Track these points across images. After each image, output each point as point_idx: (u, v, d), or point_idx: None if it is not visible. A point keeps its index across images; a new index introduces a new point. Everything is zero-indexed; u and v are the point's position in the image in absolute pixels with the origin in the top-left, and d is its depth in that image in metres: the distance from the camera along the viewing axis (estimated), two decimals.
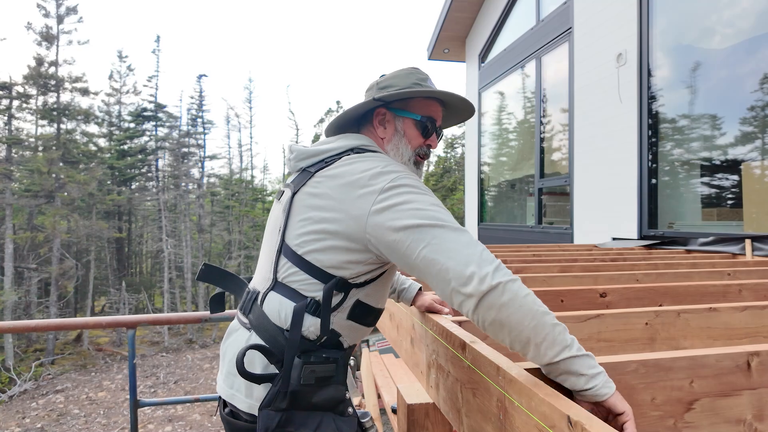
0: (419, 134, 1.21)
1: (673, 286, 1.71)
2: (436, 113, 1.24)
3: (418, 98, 1.22)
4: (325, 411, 1.05)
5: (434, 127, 1.22)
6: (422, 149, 1.22)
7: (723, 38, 3.44)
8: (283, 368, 1.03)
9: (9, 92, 19.95)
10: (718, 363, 0.87)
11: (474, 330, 1.15)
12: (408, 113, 1.20)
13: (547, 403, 0.66)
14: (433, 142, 1.24)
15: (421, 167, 1.24)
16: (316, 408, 1.04)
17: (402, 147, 1.20)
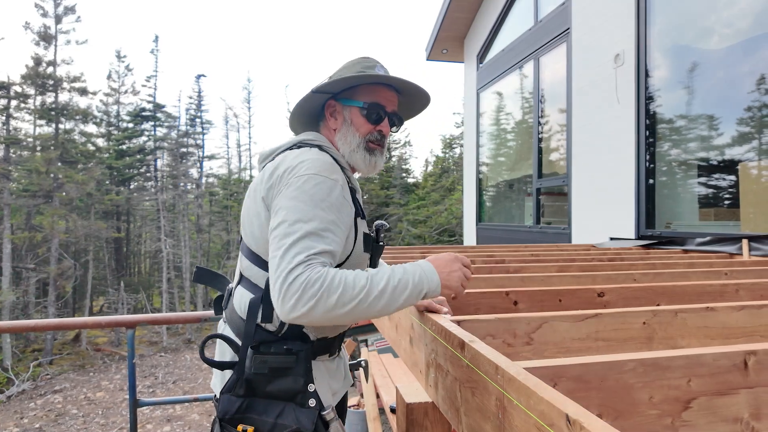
0: (366, 121, 1.23)
1: (671, 285, 1.72)
2: (384, 99, 1.24)
3: (363, 86, 1.23)
4: (286, 401, 1.09)
5: (384, 113, 1.24)
6: (373, 135, 1.24)
7: (720, 39, 3.45)
8: (240, 357, 1.10)
9: (7, 92, 19.90)
10: (715, 362, 0.88)
11: (473, 329, 1.16)
12: (353, 101, 1.23)
13: (546, 401, 0.67)
14: (384, 128, 1.25)
15: (376, 154, 1.25)
16: (273, 397, 1.09)
17: (350, 136, 1.23)
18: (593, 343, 1.23)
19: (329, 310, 0.96)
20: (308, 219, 1.03)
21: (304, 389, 1.10)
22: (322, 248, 1.01)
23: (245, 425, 1.07)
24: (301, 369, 1.10)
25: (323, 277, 0.96)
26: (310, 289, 0.95)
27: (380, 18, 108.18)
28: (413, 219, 26.46)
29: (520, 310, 1.59)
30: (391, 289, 1.00)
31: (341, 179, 1.12)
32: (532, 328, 1.21)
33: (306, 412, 1.08)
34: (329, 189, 1.07)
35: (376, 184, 31.47)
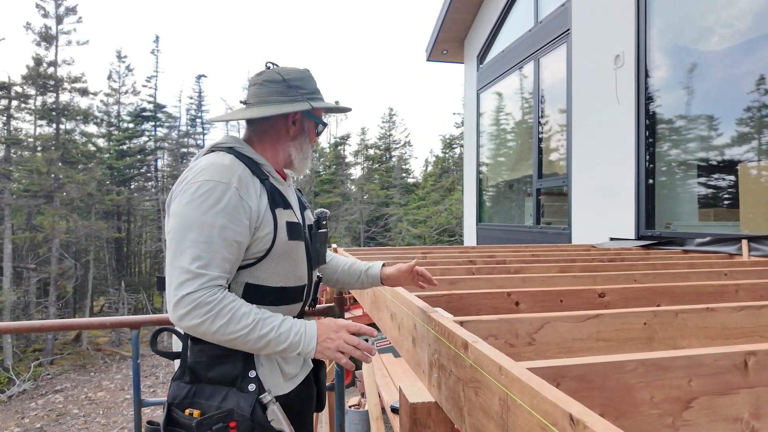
0: (314, 134, 1.39)
1: (671, 286, 1.73)
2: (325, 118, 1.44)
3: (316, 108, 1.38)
4: (229, 386, 1.16)
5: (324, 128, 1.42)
6: (314, 144, 1.45)
7: (720, 40, 3.46)
8: (183, 348, 1.19)
9: (8, 92, 19.92)
10: (715, 362, 0.89)
11: (476, 330, 1.17)
12: (314, 117, 1.36)
13: (550, 401, 0.68)
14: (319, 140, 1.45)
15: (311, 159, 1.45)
16: (215, 383, 1.16)
17: (305, 145, 1.36)
18: (594, 344, 1.25)
19: (211, 333, 1.06)
20: (198, 227, 1.08)
21: (244, 374, 1.16)
22: (211, 258, 1.08)
23: (192, 409, 1.13)
24: (239, 355, 1.16)
25: (215, 302, 1.05)
26: (200, 309, 1.04)
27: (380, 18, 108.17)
28: (413, 219, 26.46)
29: (521, 311, 1.60)
30: (271, 338, 1.09)
31: (237, 180, 1.15)
32: (534, 328, 1.22)
33: (245, 396, 1.14)
34: (221, 193, 1.11)
35: (376, 185, 31.47)
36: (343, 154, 34.17)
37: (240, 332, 1.07)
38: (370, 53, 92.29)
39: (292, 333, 1.11)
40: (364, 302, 2.67)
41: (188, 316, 1.05)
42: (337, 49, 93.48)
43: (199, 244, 1.08)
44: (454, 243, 23.68)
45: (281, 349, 1.11)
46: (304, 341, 1.12)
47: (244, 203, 1.15)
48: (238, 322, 1.06)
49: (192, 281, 1.05)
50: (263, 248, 1.18)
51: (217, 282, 1.08)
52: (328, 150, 34.54)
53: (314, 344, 1.12)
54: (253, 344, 1.09)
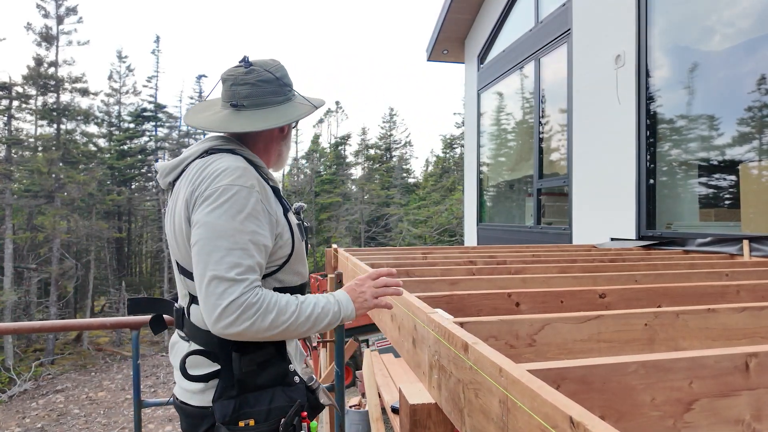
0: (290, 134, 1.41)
1: (672, 287, 1.72)
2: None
3: None
4: (273, 387, 1.19)
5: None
6: None
7: (721, 40, 3.45)
8: (223, 364, 1.17)
9: (9, 92, 19.94)
10: (717, 364, 0.89)
11: (476, 331, 1.17)
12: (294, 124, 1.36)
13: (550, 403, 0.67)
14: None
15: None
16: (262, 388, 1.18)
17: (290, 142, 1.39)
18: (595, 345, 1.24)
19: (262, 330, 1.07)
20: (229, 234, 1.06)
21: (287, 371, 1.22)
22: (248, 264, 1.07)
23: (246, 420, 1.13)
24: (280, 355, 1.21)
25: (260, 301, 1.06)
26: (248, 311, 1.04)
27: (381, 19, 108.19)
28: (414, 219, 26.47)
29: (522, 312, 1.59)
30: (316, 315, 1.13)
31: (257, 183, 1.15)
32: (535, 329, 1.22)
33: (295, 389, 1.21)
34: (245, 198, 1.10)
35: (376, 185, 31.47)
36: (344, 154, 34.17)
37: (290, 319, 1.09)
38: (370, 53, 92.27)
39: (330, 305, 1.16)
40: None
41: (238, 321, 1.04)
42: (337, 49, 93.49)
43: (234, 251, 1.06)
44: (454, 243, 23.67)
45: (326, 322, 1.15)
46: (344, 306, 1.18)
47: (265, 207, 1.15)
48: (285, 312, 1.09)
49: (234, 288, 1.04)
50: (287, 252, 1.21)
51: (256, 284, 1.08)
52: (329, 150, 34.53)
53: (352, 305, 1.19)
54: (303, 327, 1.12)
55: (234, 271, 1.05)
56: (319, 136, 35.25)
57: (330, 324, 1.16)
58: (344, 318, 1.18)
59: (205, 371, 1.18)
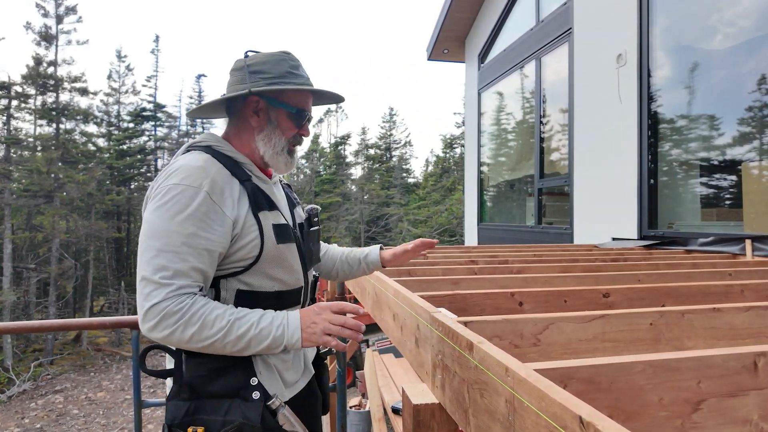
0: (293, 125, 1.22)
1: (675, 286, 1.72)
2: (307, 103, 1.25)
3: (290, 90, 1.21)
4: (232, 398, 1.10)
5: (306, 117, 1.24)
6: (296, 138, 1.24)
7: (722, 39, 3.45)
8: (176, 364, 1.12)
9: (8, 92, 19.92)
10: (725, 363, 0.88)
11: (480, 330, 1.16)
12: (283, 104, 1.20)
13: (559, 403, 0.66)
14: (305, 132, 1.26)
15: (294, 155, 1.27)
16: (215, 396, 1.10)
17: (275, 138, 1.20)
18: (600, 345, 1.23)
19: (186, 341, 1.01)
20: (163, 235, 1.02)
21: (246, 383, 1.11)
22: (177, 268, 1.01)
23: (195, 427, 1.08)
24: (240, 365, 1.11)
25: (183, 310, 0.99)
26: (168, 319, 0.99)
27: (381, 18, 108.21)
28: (414, 219, 26.46)
29: (525, 311, 1.59)
30: (252, 336, 1.03)
31: (210, 183, 1.07)
32: (539, 329, 1.21)
33: (251, 405, 1.09)
34: (190, 198, 1.04)
35: (376, 184, 31.46)
36: (344, 154, 34.16)
37: (216, 336, 1.00)
38: (370, 53, 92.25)
39: (273, 327, 1.05)
40: (365, 302, 2.65)
41: (158, 328, 0.99)
42: (338, 48, 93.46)
43: (165, 253, 1.01)
44: (454, 243, 23.67)
45: (265, 346, 1.04)
46: (288, 333, 1.05)
47: (217, 208, 1.07)
48: (212, 326, 1.00)
49: (157, 291, 0.99)
50: (251, 255, 1.12)
51: (185, 290, 1.02)
52: (329, 150, 34.52)
53: (299, 334, 1.06)
54: (233, 346, 1.03)
55: (159, 274, 1.00)
56: (319, 136, 35.26)
57: (270, 348, 1.05)
58: (287, 347, 1.06)
59: (167, 368, 1.16)
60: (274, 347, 1.05)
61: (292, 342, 1.06)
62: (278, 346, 1.05)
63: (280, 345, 1.05)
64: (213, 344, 1.01)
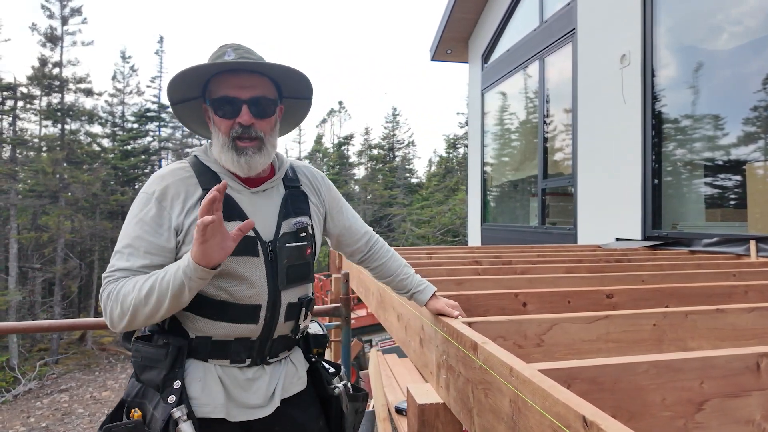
0: (221, 118, 1.13)
1: (679, 287, 1.72)
2: (237, 88, 1.12)
3: (214, 79, 1.15)
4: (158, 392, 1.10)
5: (237, 102, 1.12)
6: (235, 130, 1.13)
7: (727, 39, 3.44)
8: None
9: (14, 93, 20.04)
10: (728, 364, 0.89)
11: (484, 331, 1.17)
12: (208, 100, 1.17)
13: (562, 403, 0.67)
14: (243, 119, 1.12)
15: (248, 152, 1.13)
16: (146, 385, 1.13)
17: (216, 137, 1.16)
18: (604, 345, 1.24)
19: (122, 318, 1.04)
20: (120, 238, 1.12)
21: (168, 384, 1.08)
22: (119, 266, 1.08)
23: (137, 410, 1.11)
24: (167, 362, 1.10)
25: (109, 293, 1.06)
26: (106, 304, 1.06)
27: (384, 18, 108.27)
28: (417, 219, 26.45)
29: (529, 312, 1.59)
30: (158, 285, 1.01)
31: (160, 190, 1.11)
32: (543, 329, 1.22)
33: (163, 408, 1.06)
34: (143, 204, 1.12)
35: (379, 185, 31.47)
36: (347, 154, 34.19)
37: (133, 302, 1.01)
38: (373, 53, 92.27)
39: (172, 269, 1.01)
40: (369, 303, 2.67)
41: (106, 313, 1.07)
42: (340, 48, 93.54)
43: (117, 253, 1.10)
44: (457, 243, 23.65)
45: (174, 292, 0.99)
46: (182, 262, 0.98)
47: (165, 213, 1.11)
48: (129, 294, 1.02)
49: (103, 285, 1.08)
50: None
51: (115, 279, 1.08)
52: (332, 150, 34.56)
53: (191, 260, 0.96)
54: (150, 302, 1.00)
55: (107, 271, 1.09)
56: (322, 137, 35.30)
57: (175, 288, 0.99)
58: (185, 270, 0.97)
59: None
60: (177, 284, 0.99)
61: (185, 262, 0.98)
62: (180, 283, 0.98)
63: (181, 279, 0.98)
64: (138, 307, 1.01)
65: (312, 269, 1.27)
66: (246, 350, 1.17)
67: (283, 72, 1.17)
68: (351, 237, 1.42)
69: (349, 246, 1.43)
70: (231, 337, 1.15)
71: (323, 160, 33.34)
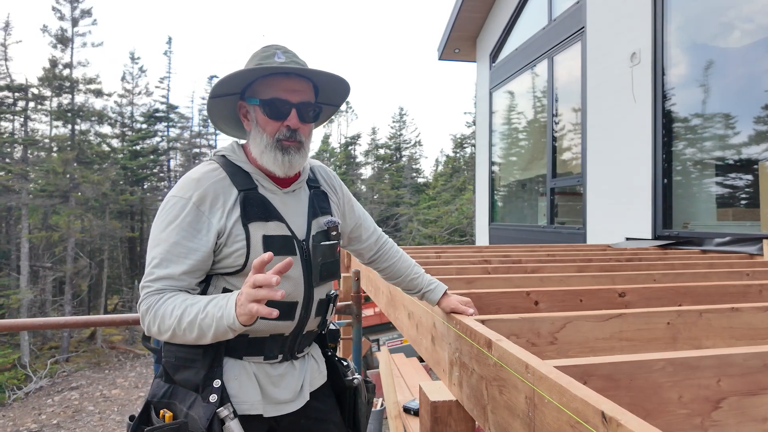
0: (268, 119, 1.14)
1: (692, 286, 1.71)
2: (287, 91, 1.14)
3: (260, 80, 1.15)
4: (196, 392, 1.10)
5: (288, 106, 1.13)
6: (282, 133, 1.14)
7: (739, 36, 3.41)
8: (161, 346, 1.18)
9: (25, 94, 20.27)
10: (745, 362, 0.88)
11: (497, 328, 1.17)
12: (254, 99, 1.15)
13: (580, 399, 0.68)
14: (291, 122, 1.14)
15: (291, 152, 1.15)
16: (186, 387, 1.12)
17: (258, 137, 1.16)
18: (617, 343, 1.24)
19: (158, 335, 1.06)
20: (156, 244, 1.10)
21: (207, 383, 1.09)
22: (159, 274, 1.08)
23: (167, 410, 1.11)
24: (205, 362, 1.11)
25: (151, 307, 1.06)
26: (145, 317, 1.07)
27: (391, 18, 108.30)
28: (424, 219, 26.42)
29: (541, 310, 1.59)
30: (199, 322, 1.02)
31: (197, 194, 1.10)
32: (556, 327, 1.22)
33: (205, 407, 1.07)
34: (180, 209, 1.10)
35: (386, 184, 31.48)
36: (354, 154, 34.23)
37: (173, 326, 1.02)
38: (380, 53, 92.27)
39: (216, 309, 1.01)
40: (379, 301, 2.67)
41: (143, 323, 1.07)
42: (347, 48, 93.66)
43: (153, 260, 1.08)
44: (464, 243, 23.60)
45: (214, 332, 1.01)
46: (226, 311, 1.00)
47: (204, 218, 1.10)
48: (170, 317, 1.03)
49: (142, 294, 1.08)
50: (236, 264, 1.12)
51: (162, 292, 1.07)
52: (339, 150, 34.62)
53: (234, 311, 0.98)
54: (190, 333, 1.02)
55: (147, 279, 1.08)
56: (329, 136, 35.36)
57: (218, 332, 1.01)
58: (230, 327, 1.00)
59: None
60: (222, 330, 1.01)
61: (230, 321, 1.00)
62: (225, 328, 1.00)
63: (225, 327, 1.00)
64: (174, 333, 1.03)
65: (339, 266, 1.31)
66: (279, 346, 1.20)
67: (333, 81, 1.20)
68: (362, 234, 1.44)
69: (360, 243, 1.45)
70: (266, 334, 1.18)
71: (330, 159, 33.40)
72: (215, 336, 1.02)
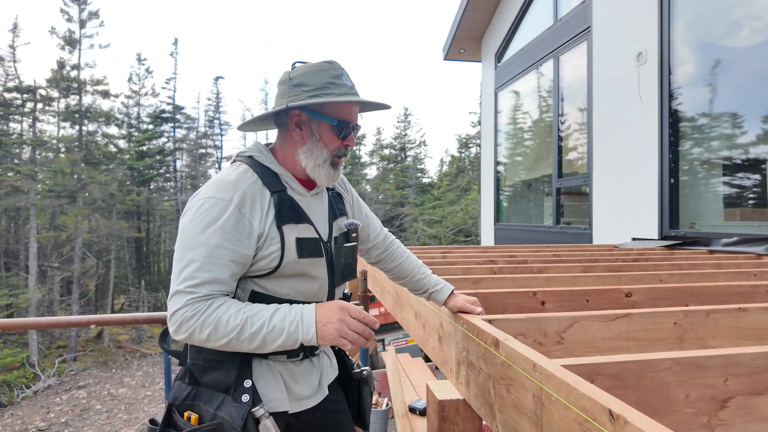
0: (335, 137, 1.20)
1: (699, 286, 1.71)
2: (351, 114, 1.22)
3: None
4: (225, 394, 1.11)
5: (351, 128, 1.22)
6: (340, 150, 1.22)
7: (747, 35, 3.39)
8: (183, 347, 1.17)
9: (33, 95, 20.46)
10: (752, 362, 0.89)
11: (504, 328, 1.18)
12: (324, 117, 1.19)
13: (588, 397, 0.68)
14: (350, 143, 1.24)
15: (338, 167, 1.24)
16: (210, 388, 1.13)
17: (317, 151, 1.19)
18: (624, 343, 1.24)
19: (204, 342, 1.05)
20: (193, 246, 1.07)
21: (238, 383, 1.11)
22: (203, 278, 1.05)
23: (191, 412, 1.11)
24: (234, 362, 1.12)
25: (198, 314, 1.04)
26: (186, 323, 1.04)
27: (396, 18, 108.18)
28: (429, 219, 26.40)
29: (547, 310, 1.60)
30: (265, 333, 1.04)
31: (238, 196, 1.10)
32: (563, 327, 1.22)
33: (237, 407, 1.08)
34: (220, 211, 1.08)
35: (391, 184, 31.48)
36: (359, 154, 34.25)
37: (231, 335, 1.03)
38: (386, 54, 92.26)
39: (287, 323, 1.06)
40: (385, 301, 2.68)
41: (178, 332, 1.05)
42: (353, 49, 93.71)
43: (193, 263, 1.06)
44: (469, 243, 23.56)
45: (280, 344, 1.05)
46: (302, 328, 1.05)
47: (245, 221, 1.10)
48: (226, 325, 1.03)
49: (179, 298, 1.05)
50: (270, 266, 1.14)
51: (208, 298, 1.06)
52: None
53: (314, 330, 1.06)
54: (249, 344, 1.05)
55: (185, 283, 1.05)
56: None
57: (284, 345, 1.06)
58: (302, 342, 1.06)
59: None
60: (289, 343, 1.06)
61: (308, 338, 1.06)
62: (294, 342, 1.06)
63: (296, 341, 1.06)
64: (230, 342, 1.04)
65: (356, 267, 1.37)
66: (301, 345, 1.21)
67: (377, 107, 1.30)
68: (370, 234, 1.47)
69: (368, 243, 1.47)
70: None
71: None
72: (278, 347, 1.06)
